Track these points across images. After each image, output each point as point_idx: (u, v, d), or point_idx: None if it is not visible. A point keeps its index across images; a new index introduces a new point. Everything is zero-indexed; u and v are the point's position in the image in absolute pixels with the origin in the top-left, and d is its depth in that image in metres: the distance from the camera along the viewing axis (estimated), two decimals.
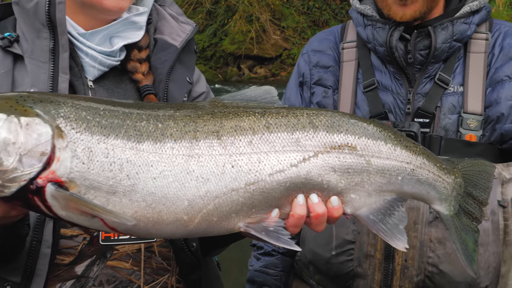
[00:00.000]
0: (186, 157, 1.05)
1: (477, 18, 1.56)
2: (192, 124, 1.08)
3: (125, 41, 1.37)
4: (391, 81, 1.60)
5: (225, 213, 1.07)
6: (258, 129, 1.11)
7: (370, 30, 1.61)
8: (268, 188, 1.09)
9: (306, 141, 1.12)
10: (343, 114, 1.20)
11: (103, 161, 1.00)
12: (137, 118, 1.06)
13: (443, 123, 1.54)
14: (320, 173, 1.12)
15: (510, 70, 1.55)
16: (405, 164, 1.20)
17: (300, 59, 1.80)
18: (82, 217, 1.02)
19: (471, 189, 1.30)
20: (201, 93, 1.54)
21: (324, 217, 1.15)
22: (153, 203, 1.02)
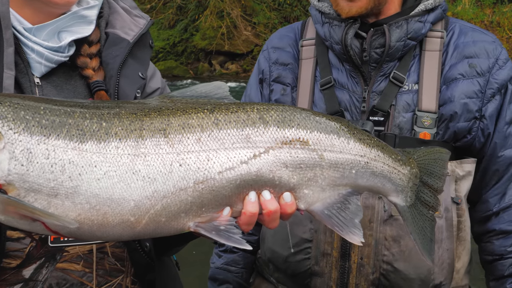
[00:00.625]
0: (132, 157, 1.03)
1: (432, 16, 1.56)
2: (138, 122, 1.06)
3: (74, 36, 1.33)
4: (347, 79, 1.60)
5: (173, 213, 1.05)
6: (207, 126, 1.09)
7: (327, 27, 1.60)
8: (218, 186, 1.07)
9: (257, 137, 1.11)
10: (295, 109, 1.19)
11: (44, 162, 0.98)
12: (80, 116, 1.03)
13: (397, 121, 1.54)
14: (272, 169, 1.11)
15: (463, 68, 1.55)
16: (359, 157, 1.19)
17: (260, 56, 1.79)
18: (22, 221, 0.99)
19: (426, 178, 1.31)
20: (156, 88, 1.51)
21: (277, 213, 1.14)
22: (98, 205, 1.00)
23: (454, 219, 1.54)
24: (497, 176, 1.60)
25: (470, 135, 1.56)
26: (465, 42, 1.58)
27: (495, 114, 1.56)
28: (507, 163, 1.59)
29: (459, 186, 1.55)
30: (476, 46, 1.57)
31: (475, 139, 1.56)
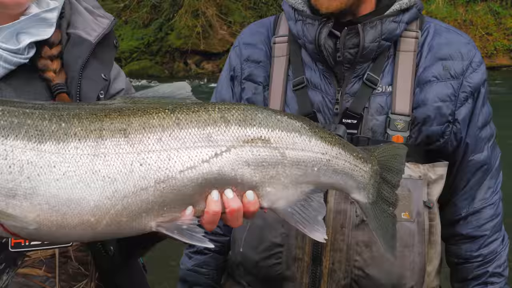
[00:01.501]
0: (91, 157, 1.03)
1: (406, 16, 1.53)
2: (98, 123, 1.06)
3: (33, 38, 1.31)
4: (320, 79, 1.57)
5: (134, 213, 1.05)
6: (168, 125, 1.09)
7: (300, 25, 1.56)
8: (180, 185, 1.08)
9: (218, 136, 1.11)
10: (256, 108, 1.20)
11: (2, 163, 0.98)
12: (39, 117, 1.03)
13: (370, 124, 1.52)
14: (234, 168, 1.12)
15: (438, 70, 1.53)
16: (321, 155, 1.20)
17: (231, 52, 1.74)
18: None
19: (385, 174, 1.32)
20: (120, 90, 1.50)
21: (240, 212, 1.14)
22: (57, 206, 1.00)
23: (426, 223, 1.53)
24: (465, 181, 1.59)
25: (443, 139, 1.54)
26: (440, 43, 1.56)
27: (467, 117, 1.54)
28: (477, 167, 1.58)
29: (431, 190, 1.54)
30: (451, 47, 1.55)
31: (447, 143, 1.55)
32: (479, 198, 1.60)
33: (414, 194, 1.48)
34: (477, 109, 1.55)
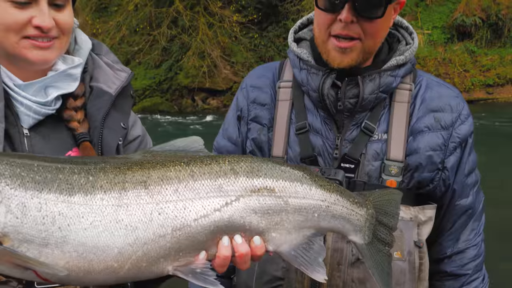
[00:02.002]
0: (115, 207, 1.03)
1: (402, 71, 1.51)
2: (122, 176, 1.06)
3: (59, 91, 1.32)
4: (321, 125, 1.53)
5: (153, 259, 1.05)
6: (184, 177, 1.10)
7: (305, 74, 1.53)
8: (194, 232, 1.08)
9: (228, 187, 1.12)
10: (262, 160, 1.20)
11: (36, 215, 0.98)
12: (69, 172, 1.04)
13: (366, 169, 1.49)
14: (242, 216, 1.12)
15: (429, 121, 1.50)
16: (320, 201, 1.20)
17: (239, 93, 1.69)
18: (15, 270, 0.99)
19: (381, 218, 1.31)
20: (137, 136, 1.48)
21: (248, 256, 1.14)
22: (84, 253, 1.00)
23: (416, 262, 1.50)
24: (451, 223, 1.57)
25: (433, 184, 1.51)
26: (431, 96, 1.53)
27: (455, 166, 1.52)
28: (462, 211, 1.56)
29: (421, 230, 1.51)
30: (441, 100, 1.53)
31: (436, 188, 1.52)
32: (463, 239, 1.57)
33: (405, 235, 1.46)
34: (464, 157, 1.53)
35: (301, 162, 1.51)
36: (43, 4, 1.23)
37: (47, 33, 1.25)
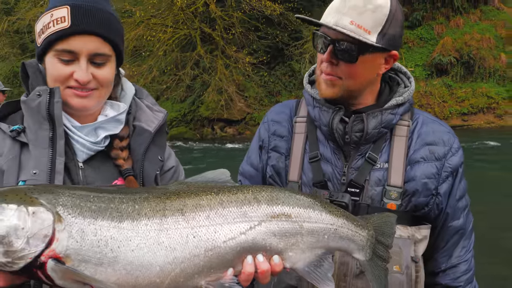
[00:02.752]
0: (157, 231, 1.02)
1: (401, 109, 1.50)
2: (162, 204, 1.06)
3: (107, 132, 1.33)
4: (331, 155, 1.52)
5: (189, 275, 1.04)
6: (214, 205, 1.09)
7: (318, 111, 1.53)
8: (223, 252, 1.06)
9: (252, 213, 1.11)
10: (280, 189, 1.20)
11: (93, 239, 0.98)
12: (119, 201, 1.04)
13: (370, 194, 1.47)
14: (264, 238, 1.11)
15: (425, 153, 1.49)
16: (330, 225, 1.19)
17: (261, 126, 1.69)
18: (75, 285, 0.98)
19: (380, 237, 1.30)
20: (171, 167, 1.47)
21: (268, 272, 1.11)
22: (132, 271, 0.99)
23: (413, 275, 1.47)
24: (445, 241, 1.55)
25: (427, 208, 1.49)
26: (427, 131, 1.52)
27: (447, 192, 1.50)
28: (454, 231, 1.54)
29: (417, 247, 1.49)
30: (435, 135, 1.52)
31: (431, 211, 1.50)
32: (456, 255, 1.55)
33: (404, 251, 1.44)
34: (456, 185, 1.52)
35: (313, 186, 1.50)
36: (83, 62, 1.23)
37: (85, 85, 1.25)
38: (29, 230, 0.93)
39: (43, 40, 1.24)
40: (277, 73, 22.09)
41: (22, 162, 1.22)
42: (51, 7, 1.25)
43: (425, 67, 21.06)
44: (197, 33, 20.59)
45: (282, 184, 1.57)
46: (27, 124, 1.26)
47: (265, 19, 20.95)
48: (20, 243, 0.92)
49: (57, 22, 1.21)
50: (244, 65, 20.20)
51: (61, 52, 1.21)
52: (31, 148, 1.23)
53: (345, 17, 1.37)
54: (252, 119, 20.95)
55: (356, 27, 1.36)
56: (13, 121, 1.31)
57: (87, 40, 1.23)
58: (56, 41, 1.22)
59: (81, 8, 1.22)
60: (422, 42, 21.73)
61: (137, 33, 19.85)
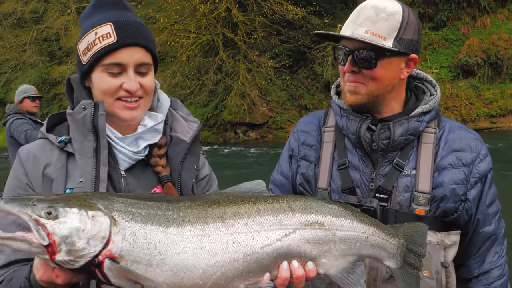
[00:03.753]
0: (200, 237, 1.07)
1: (427, 117, 1.52)
2: (204, 212, 1.11)
3: (147, 142, 1.38)
4: (359, 162, 1.54)
5: (229, 278, 1.08)
6: (251, 213, 1.13)
7: (345, 120, 1.56)
8: (260, 258, 1.10)
9: (287, 221, 1.14)
10: (313, 199, 1.22)
11: (143, 242, 1.03)
12: (165, 208, 1.09)
13: (398, 200, 1.48)
14: (298, 245, 1.14)
15: (452, 159, 1.50)
16: (361, 233, 1.21)
17: (291, 136, 1.73)
18: (128, 284, 1.04)
19: (411, 246, 1.31)
20: (205, 175, 1.51)
21: (303, 277, 1.15)
22: (178, 272, 1.04)
23: (443, 280, 1.47)
24: (477, 248, 1.55)
25: (457, 214, 1.50)
26: (454, 138, 1.53)
27: (477, 198, 1.50)
28: (486, 237, 1.54)
29: (447, 253, 1.49)
30: (462, 142, 1.52)
31: (460, 217, 1.50)
32: (488, 261, 1.55)
33: (433, 257, 1.45)
34: (485, 191, 1.52)
35: (341, 193, 1.52)
36: (131, 73, 1.29)
37: (134, 94, 1.31)
38: (89, 232, 0.99)
39: (90, 57, 1.29)
40: (300, 76, 21.94)
41: (69, 171, 1.29)
42: (93, 25, 1.31)
43: (450, 69, 20.63)
44: (220, 38, 20.72)
45: (311, 192, 1.61)
46: (73, 135, 1.32)
47: (287, 23, 20.82)
48: (81, 243, 0.98)
49: (103, 39, 1.26)
50: (267, 69, 20.17)
51: (109, 66, 1.27)
52: (77, 157, 1.29)
53: (360, 28, 1.43)
54: (275, 123, 20.89)
55: (371, 35, 1.41)
56: (59, 132, 1.37)
57: (133, 51, 1.28)
58: (104, 56, 1.27)
59: (123, 23, 1.29)
60: (448, 43, 21.31)
61: (161, 39, 20.08)
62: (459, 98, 19.76)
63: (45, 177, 1.28)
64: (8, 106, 5.64)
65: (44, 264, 1.02)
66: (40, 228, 0.96)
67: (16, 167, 1.32)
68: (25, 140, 5.23)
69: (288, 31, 20.97)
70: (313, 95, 21.59)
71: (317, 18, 20.91)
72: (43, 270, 1.04)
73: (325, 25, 20.91)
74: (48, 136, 1.34)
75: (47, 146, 1.32)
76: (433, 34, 21.40)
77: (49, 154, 1.31)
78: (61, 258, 0.97)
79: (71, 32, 24.10)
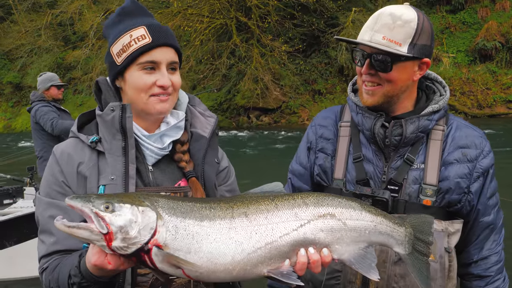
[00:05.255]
0: (228, 229, 1.20)
1: (437, 116, 1.61)
2: (230, 209, 1.24)
3: (171, 138, 1.46)
4: (373, 156, 1.64)
5: (254, 264, 1.20)
6: (271, 208, 1.25)
7: (360, 117, 1.65)
8: (280, 245, 1.22)
9: (302, 214, 1.26)
10: (324, 194, 1.33)
11: (183, 233, 1.16)
12: (199, 206, 1.23)
13: (407, 191, 1.58)
14: (313, 233, 1.25)
15: (458, 155, 1.59)
16: (370, 222, 1.32)
17: (309, 129, 1.82)
18: (170, 268, 1.16)
19: (419, 235, 1.41)
20: (225, 167, 1.58)
21: (319, 262, 1.25)
22: (211, 258, 1.16)
23: (446, 264, 1.58)
24: (477, 235, 1.65)
25: (460, 204, 1.59)
26: (460, 136, 1.62)
27: (478, 190, 1.60)
28: (485, 226, 1.65)
29: (450, 239, 1.60)
30: (468, 139, 1.62)
31: (463, 207, 1.60)
32: (487, 248, 1.66)
33: (438, 242, 1.55)
34: (486, 184, 1.62)
35: (356, 184, 1.63)
36: (164, 69, 1.38)
37: (166, 90, 1.39)
38: (140, 223, 1.13)
39: (126, 57, 1.37)
40: (313, 61, 21.81)
41: (100, 168, 1.38)
42: (126, 29, 1.39)
43: (467, 53, 20.34)
44: (233, 22, 20.61)
45: (328, 181, 1.73)
46: (102, 135, 1.40)
47: (301, 7, 20.60)
48: (133, 232, 1.12)
49: (138, 40, 1.36)
50: (280, 53, 20.05)
51: (145, 63, 1.36)
52: (107, 156, 1.38)
53: (378, 34, 1.54)
54: (288, 107, 20.86)
55: (388, 41, 1.53)
56: (89, 131, 1.45)
57: (165, 51, 1.39)
58: (140, 55, 1.36)
59: (154, 26, 1.42)
60: (465, 26, 20.96)
61: (174, 24, 20.10)
62: (475, 83, 19.53)
63: (79, 174, 1.37)
64: (33, 93, 5.79)
65: (100, 250, 1.18)
66: (99, 219, 1.12)
67: (51, 164, 1.42)
68: (50, 129, 5.42)
69: (302, 15, 20.73)
70: (327, 80, 21.44)
71: (331, 1, 20.69)
72: (98, 256, 1.17)
73: (339, 8, 20.67)
74: (79, 135, 1.42)
75: (78, 145, 1.41)
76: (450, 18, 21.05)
77: (81, 153, 1.39)
78: (117, 244, 1.11)
79: (85, 16, 24.22)
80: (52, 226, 1.29)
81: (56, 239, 1.34)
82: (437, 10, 22.05)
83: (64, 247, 1.34)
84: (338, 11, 20.68)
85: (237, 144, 15.74)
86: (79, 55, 24.28)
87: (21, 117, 27.86)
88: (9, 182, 6.76)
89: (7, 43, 28.29)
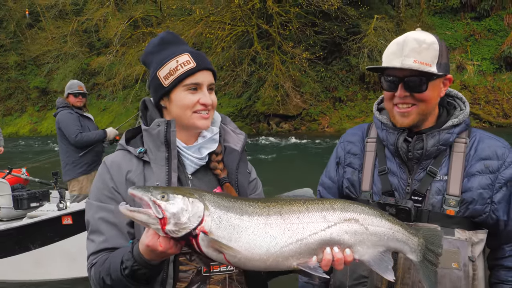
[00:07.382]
0: (264, 225, 1.33)
1: (457, 129, 1.68)
2: (267, 208, 1.36)
3: (208, 150, 1.60)
4: (397, 169, 1.72)
5: (286, 256, 1.31)
6: (302, 210, 1.37)
7: (385, 132, 1.75)
8: (309, 243, 1.33)
9: (329, 217, 1.38)
10: (350, 202, 1.44)
11: (226, 224, 1.29)
12: (240, 203, 1.35)
13: (431, 201, 1.65)
14: (338, 234, 1.36)
15: (480, 167, 1.65)
16: (388, 229, 1.43)
17: (338, 145, 1.92)
18: (214, 253, 1.28)
19: (429, 246, 1.50)
20: (254, 178, 1.73)
21: (342, 261, 1.35)
22: (249, 248, 1.28)
23: (470, 272, 1.63)
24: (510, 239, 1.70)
25: (484, 214, 1.64)
26: (482, 147, 1.68)
27: (502, 200, 1.64)
28: None
29: (474, 249, 1.64)
30: (490, 150, 1.67)
31: (488, 218, 1.64)
32: None
33: (461, 251, 1.61)
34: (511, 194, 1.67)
35: (382, 195, 1.72)
36: (205, 90, 1.55)
37: (207, 107, 1.55)
38: (190, 212, 1.27)
39: (173, 80, 1.53)
40: (334, 68, 21.78)
41: (146, 176, 1.52)
42: (171, 56, 1.55)
43: (493, 61, 20.07)
44: (254, 29, 20.79)
45: (356, 193, 1.80)
46: (148, 147, 1.55)
47: (322, 14, 20.67)
48: (184, 218, 1.25)
49: (184, 65, 1.54)
50: (301, 60, 20.11)
51: (190, 85, 1.53)
52: (152, 165, 1.52)
53: (408, 58, 1.61)
54: (308, 114, 20.84)
55: (419, 64, 1.60)
56: (135, 144, 1.61)
57: (206, 74, 1.56)
58: (185, 78, 1.52)
59: (196, 53, 1.64)
60: (490, 34, 20.71)
61: (197, 31, 20.42)
62: (501, 92, 19.23)
63: (128, 181, 1.51)
64: (58, 99, 5.93)
65: (154, 233, 1.28)
66: (156, 206, 1.25)
67: (102, 172, 1.56)
68: (73, 142, 5.49)
69: (323, 22, 20.78)
70: (348, 87, 21.35)
71: (353, 8, 20.74)
72: (151, 237, 1.29)
73: (361, 15, 20.73)
74: (128, 148, 1.58)
75: (127, 156, 1.57)
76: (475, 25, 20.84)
77: (130, 163, 1.55)
78: (170, 228, 1.25)
79: (109, 23, 24.86)
80: (101, 227, 1.48)
81: (105, 238, 1.49)
82: (461, 17, 21.87)
83: (112, 245, 1.48)
84: (359, 18, 20.72)
85: (258, 150, 15.82)
86: (103, 61, 24.90)
87: (47, 121, 28.73)
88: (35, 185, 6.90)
89: (34, 49, 29.29)
